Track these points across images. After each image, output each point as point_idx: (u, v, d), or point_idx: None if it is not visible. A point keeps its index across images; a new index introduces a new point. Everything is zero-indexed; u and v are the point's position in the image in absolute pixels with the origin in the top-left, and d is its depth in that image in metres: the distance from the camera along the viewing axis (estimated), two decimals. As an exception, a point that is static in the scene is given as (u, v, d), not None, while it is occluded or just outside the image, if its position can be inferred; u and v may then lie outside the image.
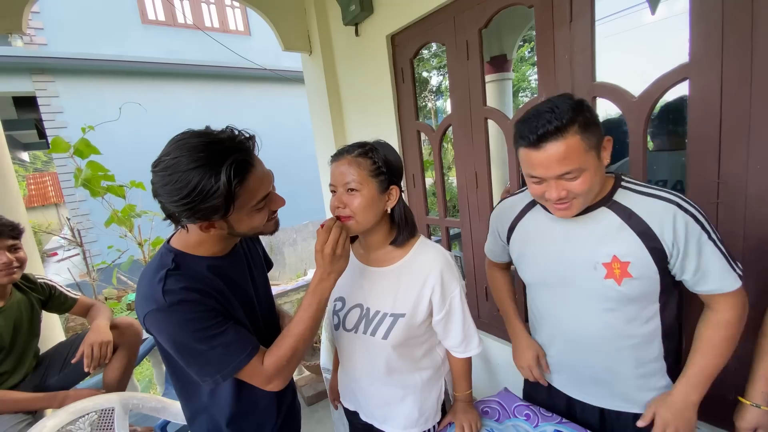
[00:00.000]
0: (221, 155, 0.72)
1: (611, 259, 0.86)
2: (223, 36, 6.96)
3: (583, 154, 0.78)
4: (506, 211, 1.08)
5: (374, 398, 1.09)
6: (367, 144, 0.97)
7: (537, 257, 1.00)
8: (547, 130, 0.76)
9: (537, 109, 0.80)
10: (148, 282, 0.80)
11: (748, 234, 1.06)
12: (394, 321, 0.99)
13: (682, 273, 0.84)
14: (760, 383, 0.91)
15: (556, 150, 0.77)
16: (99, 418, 1.39)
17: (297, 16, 2.55)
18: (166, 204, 0.74)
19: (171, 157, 0.72)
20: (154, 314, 0.77)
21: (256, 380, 0.86)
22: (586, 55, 1.30)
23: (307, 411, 2.40)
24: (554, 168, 0.79)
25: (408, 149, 2.23)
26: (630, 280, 0.84)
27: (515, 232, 1.06)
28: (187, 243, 0.86)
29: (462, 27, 1.71)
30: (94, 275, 2.67)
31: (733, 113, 1.04)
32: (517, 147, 0.84)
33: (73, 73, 5.80)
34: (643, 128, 1.20)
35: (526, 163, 0.84)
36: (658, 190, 0.85)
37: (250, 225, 0.83)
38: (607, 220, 0.87)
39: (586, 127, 0.77)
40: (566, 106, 0.77)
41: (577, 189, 0.80)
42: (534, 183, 0.86)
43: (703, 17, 1.06)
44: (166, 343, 0.80)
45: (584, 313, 0.94)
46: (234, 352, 0.81)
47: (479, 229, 1.89)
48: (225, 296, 0.86)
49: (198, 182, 0.70)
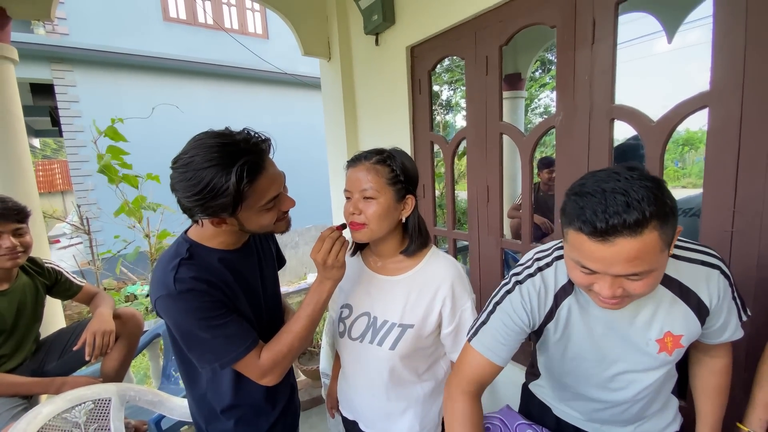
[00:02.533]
0: (233, 156, 0.76)
1: (664, 335, 0.79)
2: (242, 38, 7.07)
3: (658, 254, 0.62)
4: (535, 298, 0.84)
5: (376, 409, 1.07)
6: (385, 151, 0.96)
7: (580, 345, 0.86)
8: (622, 222, 0.59)
9: (601, 186, 0.62)
10: (163, 268, 0.85)
11: (761, 263, 1.06)
12: (402, 332, 0.98)
13: (707, 327, 0.82)
14: (759, 410, 0.91)
15: (629, 248, 0.60)
16: (95, 408, 1.38)
17: (318, 22, 2.59)
18: (181, 199, 0.79)
19: (188, 156, 0.77)
20: (165, 299, 0.82)
21: (251, 373, 0.89)
22: (607, 77, 1.31)
23: (301, 416, 2.37)
24: (618, 267, 0.63)
25: (420, 160, 2.24)
26: (681, 349, 0.81)
27: (551, 323, 0.86)
28: (202, 235, 0.91)
29: (483, 42, 1.74)
30: (98, 264, 2.68)
31: (752, 143, 1.04)
32: (569, 227, 0.66)
33: (92, 64, 5.89)
34: (660, 153, 1.21)
35: (579, 251, 0.66)
36: (698, 253, 0.78)
37: (259, 223, 0.87)
38: (658, 297, 0.78)
39: (666, 220, 0.61)
40: (644, 192, 0.60)
41: (637, 291, 0.67)
42: (582, 273, 0.69)
43: (725, 47, 1.07)
44: (173, 327, 0.85)
45: (625, 384, 0.87)
46: (234, 344, 0.85)
47: (487, 243, 1.89)
48: (232, 288, 0.90)
49: (210, 180, 0.75)
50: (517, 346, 0.87)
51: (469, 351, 0.88)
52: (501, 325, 0.86)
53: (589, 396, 0.95)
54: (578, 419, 1.03)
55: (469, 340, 0.89)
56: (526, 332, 0.87)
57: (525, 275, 0.86)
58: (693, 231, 1.28)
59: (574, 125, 1.42)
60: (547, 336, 0.90)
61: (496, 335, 0.86)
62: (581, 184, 0.66)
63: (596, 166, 1.37)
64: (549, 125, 1.54)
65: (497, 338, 0.85)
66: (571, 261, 0.71)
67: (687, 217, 1.44)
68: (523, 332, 0.87)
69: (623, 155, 1.74)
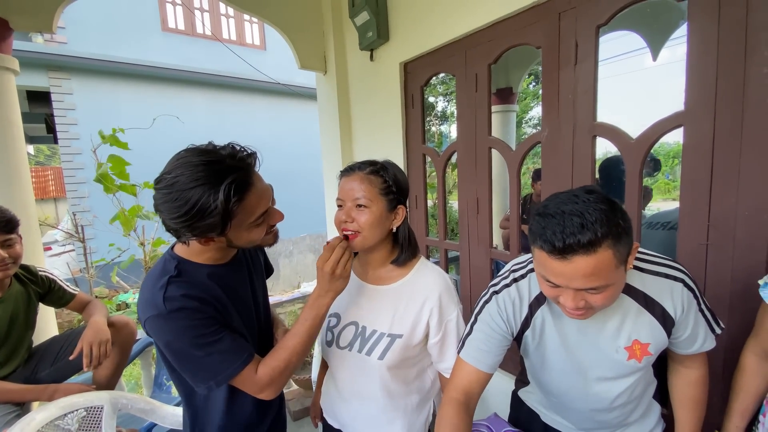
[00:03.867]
0: (220, 174, 0.74)
1: (632, 343, 0.84)
2: (239, 49, 7.15)
3: (613, 270, 0.68)
4: (510, 307, 0.90)
5: (363, 418, 1.08)
6: (378, 163, 0.99)
7: (555, 352, 0.92)
8: (577, 242, 0.65)
9: (561, 208, 0.68)
10: (151, 287, 0.82)
11: (735, 276, 1.10)
12: (391, 341, 0.99)
13: (675, 338, 0.87)
14: (736, 418, 0.95)
15: (584, 265, 0.66)
16: (87, 415, 1.38)
17: (315, 37, 2.66)
18: (167, 220, 0.76)
19: (172, 176, 0.74)
20: (155, 320, 0.80)
21: (248, 388, 0.88)
22: (589, 96, 1.37)
23: (293, 426, 2.37)
24: (577, 282, 0.69)
25: (413, 171, 2.29)
26: (650, 357, 0.86)
27: (528, 331, 0.92)
28: (189, 251, 0.88)
29: (472, 60, 1.80)
30: (92, 272, 2.68)
31: (724, 161, 1.10)
32: (534, 245, 0.73)
33: (90, 73, 5.91)
34: (639, 168, 1.27)
35: (543, 267, 0.73)
36: (662, 266, 0.84)
37: (248, 239, 0.86)
38: (625, 307, 0.83)
39: (619, 239, 0.66)
40: (598, 214, 0.65)
41: (598, 303, 0.72)
42: (548, 286, 0.76)
43: (699, 69, 1.13)
44: (164, 348, 0.82)
45: (601, 390, 0.91)
46: (229, 360, 0.83)
47: (477, 253, 1.93)
48: (223, 304, 0.88)
49: (197, 201, 0.72)
50: (502, 353, 0.92)
51: (459, 362, 0.94)
52: (482, 335, 0.92)
53: (570, 404, 0.99)
54: (565, 426, 1.06)
55: (459, 352, 0.94)
56: (507, 339, 0.92)
57: (501, 285, 0.93)
58: (671, 244, 1.33)
59: (558, 141, 1.48)
60: (526, 344, 0.95)
61: (479, 344, 0.91)
62: (545, 206, 0.72)
63: (580, 180, 1.43)
64: (535, 140, 1.60)
65: (480, 347, 0.91)
66: (539, 276, 0.77)
67: (666, 230, 1.49)
68: (505, 339, 0.91)
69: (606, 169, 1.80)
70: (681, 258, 1.20)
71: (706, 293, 1.16)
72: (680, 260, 1.18)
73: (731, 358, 0.98)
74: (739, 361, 0.97)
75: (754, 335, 0.95)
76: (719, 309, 1.13)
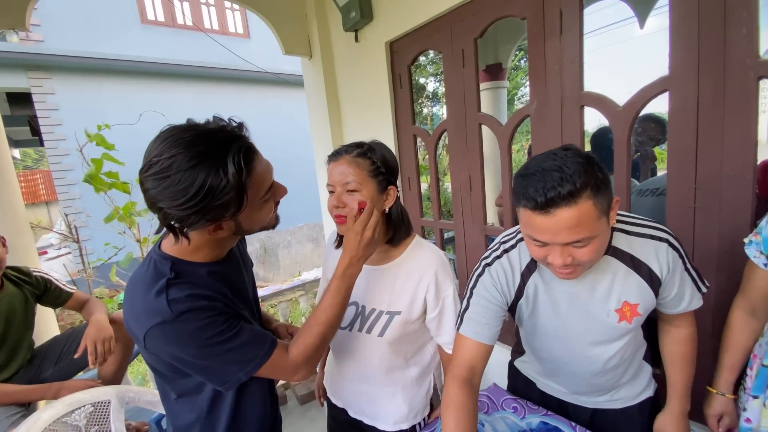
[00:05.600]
0: (222, 146, 0.66)
1: (622, 305, 0.86)
2: (223, 38, 7.00)
3: (595, 220, 0.69)
4: (503, 277, 0.92)
5: (366, 395, 1.11)
6: (365, 144, 0.98)
7: (547, 320, 0.94)
8: (558, 194, 0.67)
9: (541, 166, 0.71)
10: (144, 295, 0.72)
11: (722, 236, 1.13)
12: (390, 318, 1.01)
13: (662, 297, 0.89)
14: (725, 373, 0.98)
15: (567, 217, 0.68)
16: (95, 411, 1.40)
17: (298, 21, 2.61)
18: (171, 210, 0.65)
19: (165, 158, 0.64)
20: (161, 328, 0.70)
21: (281, 372, 0.83)
22: (575, 66, 1.36)
23: (300, 410, 2.43)
24: (563, 236, 0.70)
25: (404, 153, 2.29)
26: (639, 317, 0.88)
27: (522, 300, 0.93)
28: (181, 250, 0.77)
29: (458, 36, 1.78)
30: (89, 272, 2.68)
31: (708, 124, 1.11)
32: (518, 205, 0.74)
33: (70, 71, 5.79)
34: (627, 136, 1.27)
35: (528, 225, 0.74)
36: (647, 228, 0.86)
37: (259, 218, 0.78)
38: (613, 269, 0.85)
39: (598, 190, 0.69)
40: (576, 166, 0.68)
41: (585, 258, 0.74)
42: (536, 246, 0.77)
43: (681, 34, 1.13)
44: (175, 356, 0.73)
45: (594, 354, 0.94)
46: (255, 348, 0.78)
47: (472, 231, 1.95)
48: (230, 299, 0.82)
49: (205, 179, 0.63)
50: (500, 324, 0.94)
51: (459, 338, 0.95)
52: (479, 307, 0.93)
53: (564, 369, 1.02)
54: (560, 391, 1.09)
55: (458, 329, 0.96)
56: (503, 309, 0.94)
57: (493, 258, 0.94)
58: (661, 209, 1.35)
59: (546, 113, 1.48)
60: (520, 312, 0.97)
61: (477, 317, 0.92)
62: (525, 167, 0.74)
63: (569, 151, 1.43)
64: (524, 114, 1.59)
65: (478, 319, 0.92)
66: (527, 237, 0.78)
67: (655, 196, 1.51)
68: (501, 309, 0.93)
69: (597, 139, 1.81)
70: (670, 221, 1.22)
71: (694, 254, 1.18)
72: (669, 224, 1.20)
73: (720, 315, 1.01)
74: (727, 318, 0.99)
75: (740, 292, 0.98)
76: (707, 269, 1.15)
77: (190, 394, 0.85)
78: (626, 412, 1.04)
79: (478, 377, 0.92)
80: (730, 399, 0.98)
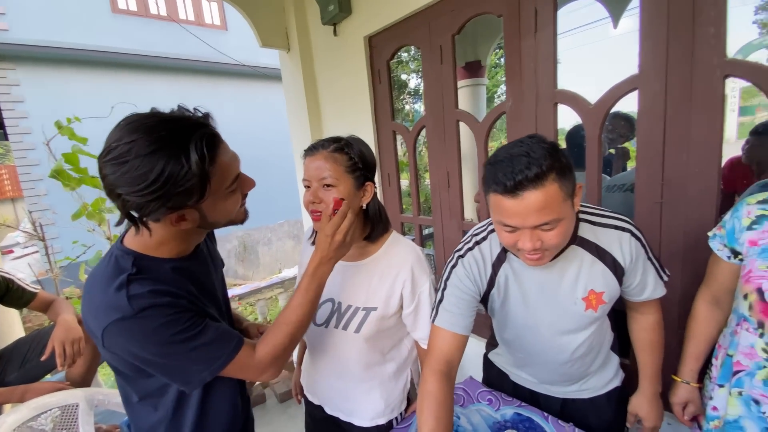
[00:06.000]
0: (184, 132, 0.64)
1: (588, 293, 0.90)
2: (199, 30, 6.81)
3: (561, 203, 0.74)
4: (476, 268, 0.94)
5: (342, 392, 1.10)
6: (342, 139, 0.97)
7: (518, 309, 0.97)
8: (525, 177, 0.70)
9: (509, 152, 0.75)
10: (103, 290, 0.70)
11: (687, 230, 1.17)
12: (366, 315, 1.01)
13: (626, 286, 0.94)
14: (690, 362, 1.02)
15: (534, 199, 0.71)
16: (62, 414, 1.35)
17: (275, 12, 2.55)
18: (129, 196, 0.63)
19: (125, 142, 0.62)
20: (119, 324, 0.67)
21: (248, 372, 0.81)
22: (549, 64, 1.39)
23: (279, 407, 2.41)
24: (532, 218, 0.73)
25: (384, 149, 2.28)
26: (605, 305, 0.92)
27: (494, 290, 0.96)
28: (145, 244, 0.75)
29: (436, 32, 1.78)
30: (56, 271, 2.57)
31: (676, 121, 1.14)
32: (488, 192, 0.78)
33: (37, 62, 5.54)
34: (598, 133, 1.30)
35: (498, 210, 0.77)
36: (610, 218, 0.90)
37: (224, 211, 0.76)
38: (579, 258, 0.89)
39: (563, 173, 0.73)
40: (542, 151, 0.72)
41: (552, 241, 0.77)
42: (507, 232, 0.79)
43: (651, 34, 1.16)
44: (136, 354, 0.70)
45: (562, 343, 0.97)
46: (220, 347, 0.75)
47: (450, 227, 1.96)
48: (195, 296, 0.80)
49: (165, 164, 0.61)
50: (473, 314, 0.96)
51: (434, 330, 0.96)
52: (453, 298, 0.95)
53: (534, 358, 1.05)
54: (531, 382, 1.12)
55: (433, 320, 0.96)
56: (476, 299, 0.96)
57: (465, 249, 0.97)
58: (630, 204, 1.39)
59: (522, 110, 1.50)
60: (492, 303, 0.99)
61: (452, 308, 0.94)
62: (494, 155, 0.78)
63: (544, 148, 1.45)
64: (500, 111, 1.61)
65: (453, 310, 0.94)
66: (497, 225, 0.81)
67: (622, 192, 1.55)
68: (474, 300, 0.96)
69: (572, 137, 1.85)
70: (638, 216, 1.26)
71: (661, 248, 1.22)
72: (637, 219, 1.24)
73: (686, 307, 1.05)
74: (692, 309, 1.03)
75: (705, 284, 1.01)
76: (674, 262, 1.19)
77: (153, 396, 0.82)
78: (595, 402, 1.07)
79: (455, 370, 0.94)
80: (695, 387, 1.02)
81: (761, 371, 0.83)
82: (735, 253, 0.90)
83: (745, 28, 14.05)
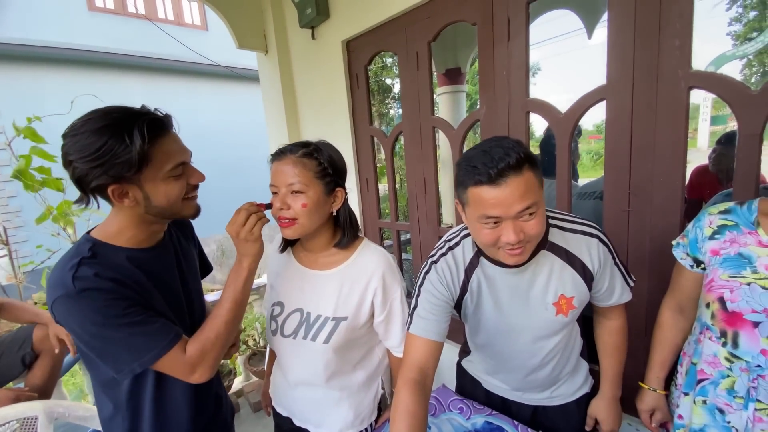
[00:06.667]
0: (134, 117, 0.75)
1: (559, 298, 0.91)
2: (178, 29, 6.69)
3: (538, 189, 0.76)
4: (449, 273, 0.94)
5: (311, 403, 1.08)
6: (311, 144, 0.95)
7: (490, 314, 0.97)
8: (507, 164, 0.72)
9: (481, 149, 0.77)
10: (61, 268, 0.77)
11: (653, 239, 1.19)
12: (336, 325, 0.99)
13: (595, 291, 0.95)
14: (656, 369, 1.03)
15: (517, 185, 0.73)
16: (21, 428, 1.29)
17: (253, 14, 2.52)
18: (77, 162, 0.73)
19: (83, 120, 0.74)
20: (63, 300, 0.74)
21: (178, 370, 0.82)
22: (521, 72, 1.40)
23: (253, 417, 2.36)
24: (516, 204, 0.73)
25: (362, 154, 2.27)
26: (575, 310, 0.93)
27: (467, 295, 0.96)
28: (106, 233, 0.83)
29: (413, 38, 1.78)
30: (20, 277, 2.46)
31: (642, 131, 1.16)
32: (468, 187, 0.77)
33: (8, 59, 5.33)
34: (568, 141, 1.32)
35: (481, 203, 0.76)
36: (579, 224, 0.91)
37: (166, 194, 0.80)
38: (550, 263, 0.90)
39: (533, 163, 0.76)
40: (512, 143, 0.76)
41: (533, 230, 0.77)
42: (488, 228, 0.78)
43: (618, 45, 1.18)
44: (75, 332, 0.76)
45: (534, 348, 0.98)
46: (155, 340, 0.78)
47: (427, 232, 1.96)
48: (145, 288, 0.82)
49: (109, 138, 0.71)
50: (447, 320, 0.94)
51: (409, 339, 0.94)
52: (427, 304, 0.93)
53: (505, 365, 1.05)
54: (503, 389, 1.12)
55: (408, 329, 0.94)
56: (450, 305, 0.95)
57: (438, 255, 0.96)
58: (598, 212, 1.41)
59: (495, 118, 1.51)
60: (465, 308, 0.99)
61: (426, 314, 0.92)
62: (465, 155, 0.80)
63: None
64: (475, 118, 1.62)
65: (427, 317, 0.92)
66: (477, 223, 0.80)
67: (593, 199, 1.58)
68: (448, 305, 0.95)
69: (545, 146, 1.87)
70: (606, 224, 1.28)
71: (628, 256, 1.24)
72: (606, 226, 1.26)
73: (653, 314, 1.07)
74: (657, 317, 1.05)
75: (669, 292, 1.03)
76: (640, 270, 1.21)
77: (109, 386, 0.88)
78: (565, 409, 1.08)
79: (431, 378, 0.91)
80: (661, 395, 1.03)
81: (725, 380, 0.85)
82: (698, 262, 0.92)
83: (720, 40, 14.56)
